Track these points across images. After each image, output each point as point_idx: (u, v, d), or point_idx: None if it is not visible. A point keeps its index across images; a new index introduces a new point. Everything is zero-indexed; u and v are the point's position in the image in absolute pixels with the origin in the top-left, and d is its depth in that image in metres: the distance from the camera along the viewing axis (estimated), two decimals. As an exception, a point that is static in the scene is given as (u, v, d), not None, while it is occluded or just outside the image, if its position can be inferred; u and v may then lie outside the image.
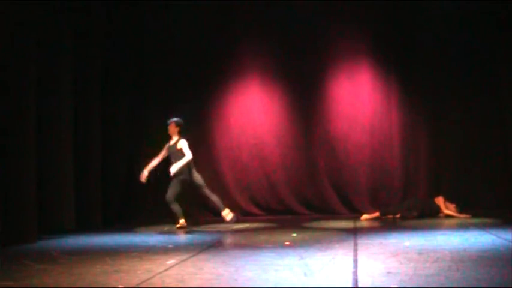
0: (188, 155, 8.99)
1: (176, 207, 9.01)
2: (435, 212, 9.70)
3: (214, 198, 9.24)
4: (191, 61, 10.97)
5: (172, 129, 9.24)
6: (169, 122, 9.31)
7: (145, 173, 9.15)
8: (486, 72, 10.63)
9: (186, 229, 8.82)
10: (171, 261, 5.70)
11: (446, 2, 10.64)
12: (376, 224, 9.22)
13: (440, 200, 9.77)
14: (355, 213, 10.41)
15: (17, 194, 7.40)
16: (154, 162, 9.26)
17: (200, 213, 10.82)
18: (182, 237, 8.24)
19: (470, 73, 10.67)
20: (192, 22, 10.93)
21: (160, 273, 5.14)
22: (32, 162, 7.63)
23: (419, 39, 10.85)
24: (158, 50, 10.96)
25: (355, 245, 6.59)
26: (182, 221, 8.96)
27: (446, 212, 9.65)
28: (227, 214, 9.18)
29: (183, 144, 9.10)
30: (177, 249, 6.67)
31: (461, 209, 9.60)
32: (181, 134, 9.25)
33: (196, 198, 10.62)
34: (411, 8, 10.80)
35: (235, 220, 9.23)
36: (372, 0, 10.79)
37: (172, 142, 9.25)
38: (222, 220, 9.24)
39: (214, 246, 6.89)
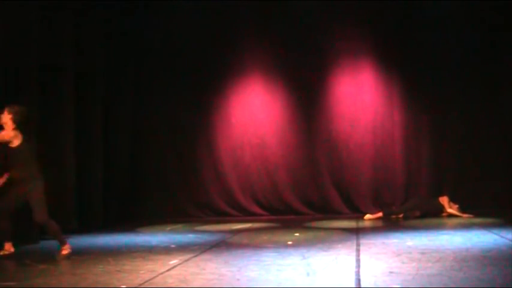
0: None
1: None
2: (438, 212, 9.69)
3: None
4: (193, 61, 10.97)
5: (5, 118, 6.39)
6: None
7: None
8: (488, 72, 10.62)
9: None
10: (173, 262, 5.70)
11: (448, 1, 10.63)
12: (378, 223, 9.20)
13: (444, 200, 9.76)
14: (357, 213, 10.40)
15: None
16: None
17: (201, 212, 10.84)
18: (185, 238, 8.23)
19: (473, 73, 10.66)
20: (194, 22, 10.93)
21: (162, 273, 5.14)
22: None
23: (422, 39, 10.82)
24: (159, 50, 10.97)
25: (358, 244, 6.58)
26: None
27: (449, 211, 9.63)
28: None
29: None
30: (180, 249, 6.66)
31: (463, 209, 9.60)
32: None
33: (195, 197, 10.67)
34: (413, 7, 10.78)
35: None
36: (374, 0, 10.77)
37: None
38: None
39: (216, 246, 6.89)
